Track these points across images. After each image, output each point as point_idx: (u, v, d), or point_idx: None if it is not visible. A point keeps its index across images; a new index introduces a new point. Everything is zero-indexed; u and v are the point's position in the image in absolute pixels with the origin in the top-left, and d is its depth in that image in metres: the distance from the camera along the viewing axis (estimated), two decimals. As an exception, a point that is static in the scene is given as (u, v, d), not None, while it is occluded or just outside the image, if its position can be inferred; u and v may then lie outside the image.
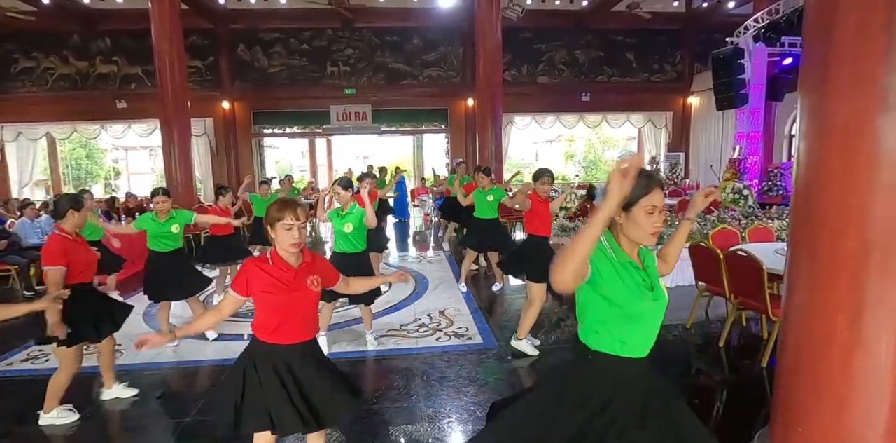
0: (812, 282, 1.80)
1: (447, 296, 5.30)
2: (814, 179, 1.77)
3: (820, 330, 1.76)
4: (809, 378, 1.82)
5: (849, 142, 1.64)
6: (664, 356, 3.59)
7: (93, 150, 21.69)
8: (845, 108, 1.64)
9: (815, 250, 1.78)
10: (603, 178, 24.88)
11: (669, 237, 1.67)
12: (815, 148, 1.76)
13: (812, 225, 1.79)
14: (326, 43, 12.26)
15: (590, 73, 12.88)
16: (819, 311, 1.77)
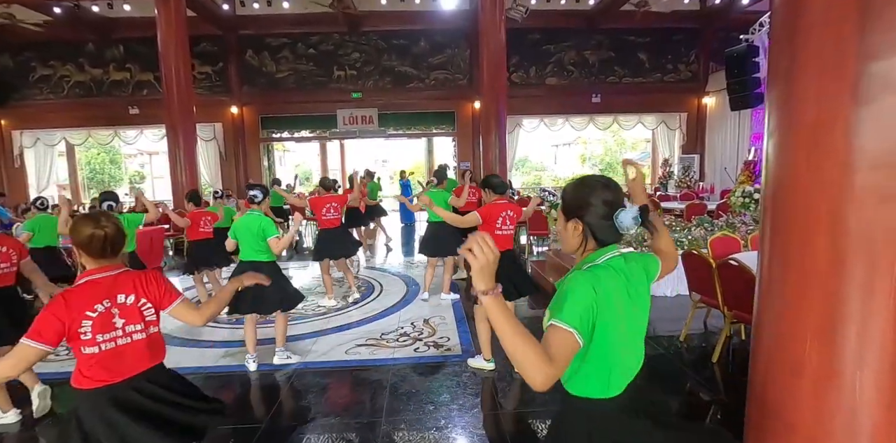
0: (781, 301, 1.58)
1: (436, 304, 5.13)
2: (782, 181, 1.56)
3: (788, 358, 1.54)
4: (779, 413, 1.60)
5: (818, 138, 1.43)
6: (652, 372, 3.36)
7: (116, 155, 22.26)
8: (813, 99, 1.43)
9: (786, 264, 1.56)
10: (618, 181, 24.42)
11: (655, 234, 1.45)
12: (782, 146, 1.55)
13: (781, 234, 1.58)
14: (333, 47, 12.28)
15: (600, 74, 12.59)
16: (788, 336, 1.55)
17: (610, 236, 1.21)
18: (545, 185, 21.43)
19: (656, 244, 1.51)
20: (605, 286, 1.14)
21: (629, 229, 1.18)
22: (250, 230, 3.52)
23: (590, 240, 1.22)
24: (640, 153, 26.51)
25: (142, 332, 1.66)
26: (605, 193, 1.20)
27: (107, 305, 1.59)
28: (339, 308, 5.11)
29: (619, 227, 1.18)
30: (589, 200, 1.20)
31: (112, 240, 1.64)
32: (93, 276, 1.62)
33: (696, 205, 7.58)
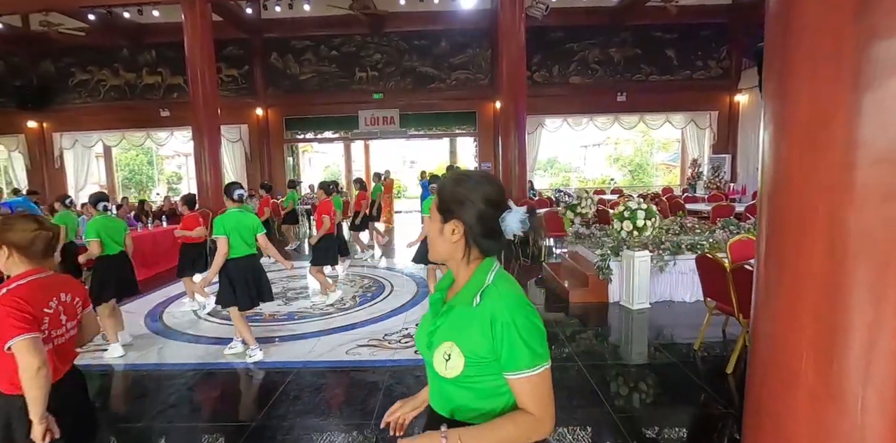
0: (776, 307, 1.44)
1: (443, 305, 5.05)
2: (776, 180, 1.42)
3: (784, 369, 1.40)
4: (776, 426, 1.46)
5: (814, 131, 1.29)
6: (663, 383, 3.19)
7: (154, 156, 23.12)
8: (807, 88, 1.29)
9: (781, 267, 1.42)
10: (648, 182, 23.80)
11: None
12: (776, 141, 1.41)
13: (776, 236, 1.44)
14: (355, 49, 12.38)
15: (626, 73, 12.26)
16: (783, 344, 1.41)
17: (494, 244, 1.03)
18: (574, 186, 21.07)
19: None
20: (528, 300, 1.04)
21: (515, 234, 1.02)
22: (247, 226, 3.68)
23: (473, 245, 1.03)
24: (671, 154, 25.78)
25: (74, 329, 1.71)
26: (489, 188, 1.02)
27: (54, 303, 1.62)
28: (345, 308, 5.10)
29: (506, 231, 1.01)
30: (471, 197, 1.01)
31: (56, 240, 1.68)
32: (37, 275, 1.61)
33: (723, 207, 7.24)
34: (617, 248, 4.84)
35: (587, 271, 5.08)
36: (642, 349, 3.94)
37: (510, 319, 0.96)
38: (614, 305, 4.86)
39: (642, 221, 4.46)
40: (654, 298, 4.87)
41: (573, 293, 5.02)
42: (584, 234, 6.02)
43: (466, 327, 1.00)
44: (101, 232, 3.97)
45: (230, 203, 3.78)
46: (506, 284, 1.03)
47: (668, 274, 4.86)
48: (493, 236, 1.03)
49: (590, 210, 6.17)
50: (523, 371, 0.95)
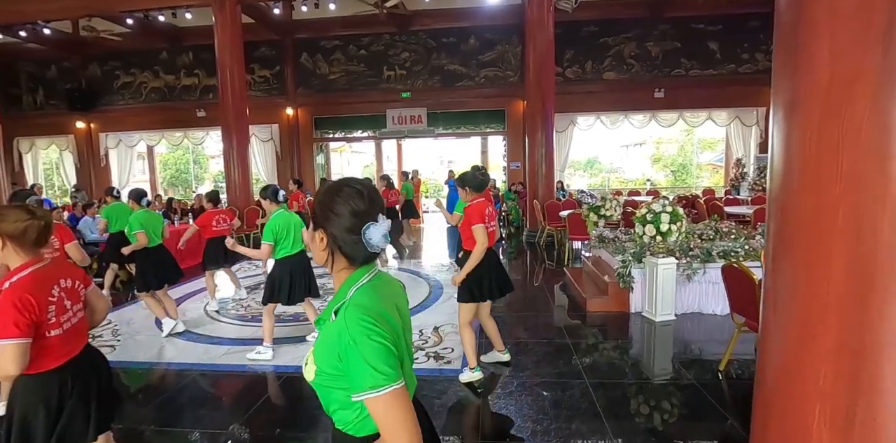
0: (786, 338, 1.14)
1: (452, 311, 4.81)
2: (786, 174, 1.12)
3: (792, 422, 1.10)
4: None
5: (833, 108, 0.98)
6: (678, 408, 2.85)
7: (199, 156, 24.00)
8: (826, 49, 0.99)
9: (794, 286, 1.12)
10: (690, 183, 22.69)
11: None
12: (786, 126, 1.11)
13: (787, 247, 1.13)
14: (383, 47, 12.31)
15: (664, 67, 11.62)
16: (792, 391, 1.10)
17: (358, 253, 1.04)
18: (610, 187, 20.34)
19: None
20: (384, 316, 1.00)
21: (379, 247, 1.04)
22: (296, 225, 3.76)
23: (338, 256, 1.05)
24: (717, 154, 24.48)
25: (81, 310, 1.80)
26: (357, 201, 1.03)
27: (56, 290, 1.68)
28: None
29: (368, 244, 1.02)
30: (335, 208, 1.03)
31: (49, 229, 1.71)
32: (35, 265, 1.66)
33: (765, 210, 6.64)
34: (639, 254, 4.47)
35: (607, 278, 4.72)
36: (661, 367, 3.58)
37: (351, 338, 0.94)
38: (636, 317, 4.48)
39: (666, 226, 4.08)
40: (681, 309, 4.46)
41: (591, 302, 4.68)
42: (608, 238, 5.65)
43: (322, 342, 1.01)
44: (146, 225, 4.19)
45: (273, 205, 3.80)
46: (364, 299, 1.01)
47: (696, 283, 4.44)
48: (354, 247, 1.04)
49: (615, 212, 5.78)
50: (367, 392, 0.93)
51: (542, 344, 3.88)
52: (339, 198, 1.03)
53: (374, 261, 1.09)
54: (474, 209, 3.13)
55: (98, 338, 4.39)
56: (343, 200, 1.03)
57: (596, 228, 5.95)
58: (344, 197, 1.03)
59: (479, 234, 3.05)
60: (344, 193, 1.04)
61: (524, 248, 8.83)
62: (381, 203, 1.06)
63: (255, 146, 13.22)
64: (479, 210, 3.12)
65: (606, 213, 5.75)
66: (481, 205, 3.16)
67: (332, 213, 1.03)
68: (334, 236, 1.03)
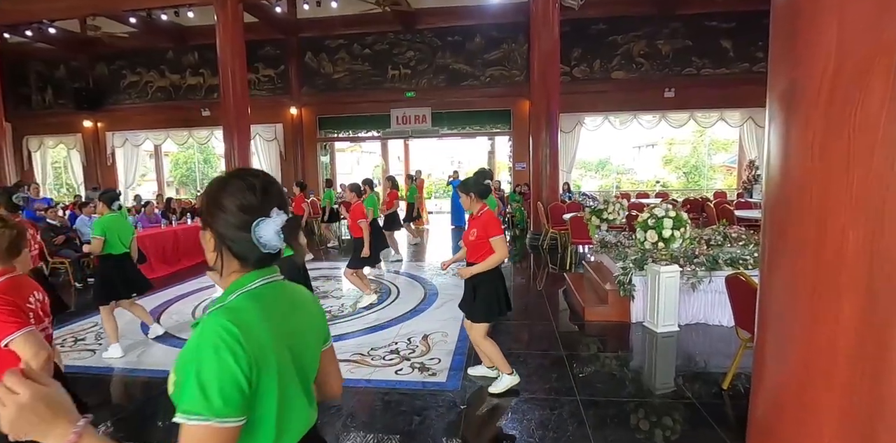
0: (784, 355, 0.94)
1: (445, 317, 4.64)
2: (783, 179, 0.91)
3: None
4: None
5: (841, 97, 0.78)
6: (673, 430, 2.63)
7: (210, 155, 24.08)
8: (834, 40, 0.78)
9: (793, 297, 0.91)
10: (705, 185, 22.25)
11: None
12: (784, 120, 0.90)
13: (783, 257, 0.93)
14: (388, 46, 12.17)
15: (675, 66, 11.31)
16: (792, 415, 0.90)
17: (249, 254, 0.91)
18: (618, 188, 20.00)
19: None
20: (257, 331, 0.83)
21: (272, 247, 0.90)
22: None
23: (228, 257, 0.91)
24: (731, 156, 23.99)
25: (50, 326, 1.75)
26: (245, 195, 0.90)
27: (34, 299, 1.65)
28: (343, 315, 4.79)
29: (258, 242, 0.88)
30: (222, 203, 0.90)
31: (21, 238, 1.69)
32: (10, 274, 1.63)
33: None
34: (641, 260, 4.24)
35: (607, 286, 4.50)
36: (661, 382, 3.36)
37: (197, 344, 0.80)
38: (636, 327, 4.26)
39: (669, 231, 3.85)
40: (684, 320, 4.23)
41: (590, 311, 4.46)
42: (610, 242, 5.42)
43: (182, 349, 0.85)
44: (108, 230, 3.87)
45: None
46: (239, 306, 0.87)
47: (701, 293, 4.20)
48: (247, 247, 0.90)
49: (618, 216, 5.55)
50: (180, 414, 0.77)
51: (536, 356, 3.68)
52: (226, 192, 0.91)
53: (270, 264, 0.95)
54: (491, 219, 2.92)
55: (80, 341, 4.29)
56: (230, 194, 0.90)
57: (598, 232, 5.73)
58: (231, 190, 0.91)
59: (503, 246, 2.88)
60: (231, 186, 0.91)
61: (528, 251, 8.61)
62: (278, 196, 0.93)
63: (258, 146, 13.18)
64: (495, 219, 2.94)
65: (609, 216, 5.52)
66: (491, 213, 2.98)
67: (218, 209, 0.90)
68: (222, 235, 0.90)
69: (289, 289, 1.00)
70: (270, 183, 0.94)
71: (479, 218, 2.93)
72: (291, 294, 1.00)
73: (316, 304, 1.10)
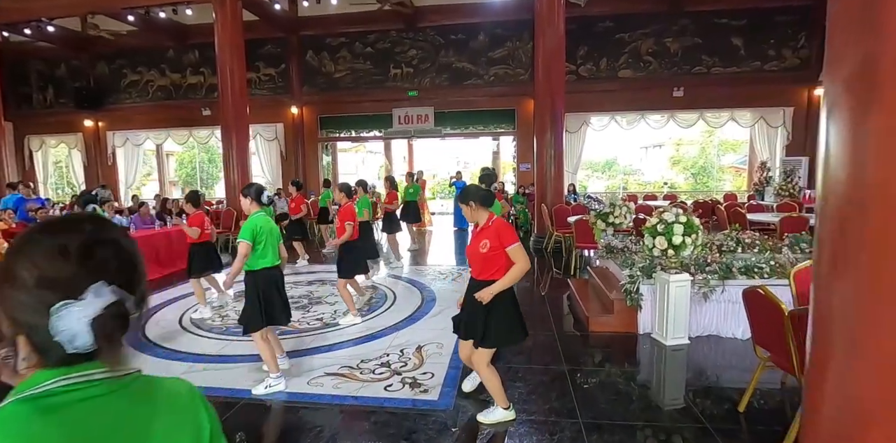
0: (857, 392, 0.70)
1: (442, 326, 4.40)
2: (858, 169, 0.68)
3: None
4: None
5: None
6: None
7: (214, 154, 23.95)
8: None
9: (873, 318, 0.68)
10: (714, 186, 21.90)
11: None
12: (848, 106, 0.67)
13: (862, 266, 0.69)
14: (390, 45, 11.96)
15: (684, 64, 11.01)
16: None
17: (50, 348, 0.59)
18: (625, 189, 19.69)
19: None
20: None
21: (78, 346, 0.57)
22: (275, 233, 3.31)
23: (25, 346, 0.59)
24: (740, 157, 23.61)
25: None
26: (51, 261, 0.60)
27: None
28: (333, 323, 4.57)
29: (57, 333, 0.57)
30: (15, 270, 0.60)
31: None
32: None
33: (794, 219, 6.05)
34: (649, 268, 3.99)
35: (613, 294, 4.25)
36: (671, 400, 3.11)
37: None
38: (644, 338, 4.01)
39: (680, 238, 3.60)
40: (695, 331, 3.97)
41: (595, 321, 4.22)
42: (616, 247, 5.17)
43: None
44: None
45: (255, 206, 3.32)
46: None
47: (713, 303, 3.95)
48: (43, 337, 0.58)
49: (625, 220, 5.29)
50: None
51: (537, 371, 3.45)
52: (23, 255, 0.61)
53: (81, 364, 0.60)
54: (503, 226, 2.60)
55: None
56: (27, 259, 0.60)
57: (604, 236, 5.48)
58: (30, 253, 0.61)
59: (524, 255, 2.57)
60: (32, 247, 0.62)
61: (531, 254, 8.36)
62: (112, 263, 0.63)
63: (259, 145, 13.01)
64: (507, 225, 2.66)
65: (615, 220, 5.27)
66: (501, 220, 2.68)
67: (6, 280, 0.60)
68: (14, 320, 0.60)
69: (132, 394, 0.64)
70: (101, 243, 0.63)
71: (488, 228, 2.61)
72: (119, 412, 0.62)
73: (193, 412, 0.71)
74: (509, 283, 2.56)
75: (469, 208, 2.65)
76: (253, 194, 3.36)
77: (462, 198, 2.67)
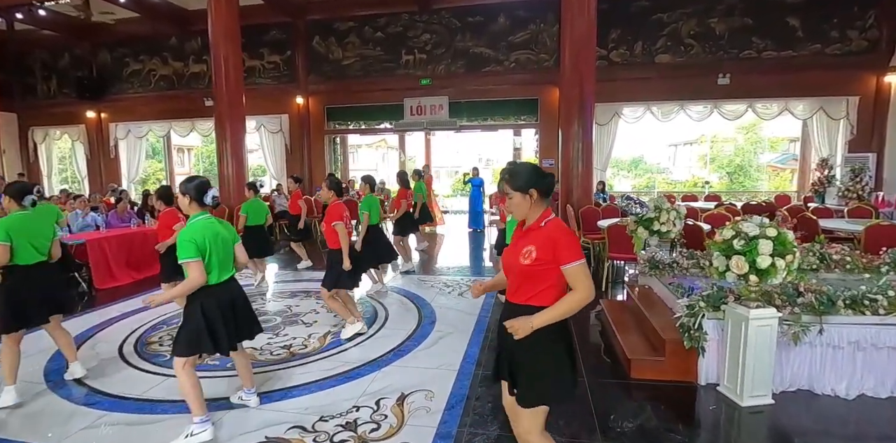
0: None
1: (438, 364, 3.43)
2: None
3: None
4: None
5: None
6: None
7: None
8: None
9: None
10: (750, 186, 20.35)
11: None
12: None
13: None
14: (402, 29, 11.00)
15: (731, 48, 9.74)
16: None
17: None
18: (662, 189, 18.38)
19: None
20: None
21: None
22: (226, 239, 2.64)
23: None
24: (780, 154, 21.92)
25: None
26: None
27: None
28: (305, 352, 3.64)
29: None
30: None
31: None
32: None
33: (884, 228, 4.85)
34: (717, 297, 2.94)
35: (664, 330, 3.20)
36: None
37: None
38: (708, 393, 2.95)
39: (768, 260, 2.54)
40: (780, 385, 2.91)
41: (638, 364, 3.17)
42: (663, 262, 4.11)
43: None
44: (14, 233, 2.91)
45: (195, 207, 2.56)
46: None
47: (806, 347, 2.88)
48: None
49: (673, 228, 4.22)
50: None
51: (559, 440, 2.45)
52: None
53: None
54: (563, 233, 1.75)
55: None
56: None
57: (645, 247, 4.41)
58: None
59: (587, 279, 1.72)
60: None
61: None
62: None
63: (264, 138, 12.27)
64: (569, 233, 1.77)
65: (662, 228, 4.20)
66: (560, 223, 1.79)
67: None
68: None
69: None
70: None
71: (539, 230, 1.76)
72: None
73: None
74: (561, 315, 1.72)
75: (525, 198, 1.77)
76: (193, 192, 2.54)
77: (514, 181, 1.78)
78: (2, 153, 13.39)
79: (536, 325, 1.67)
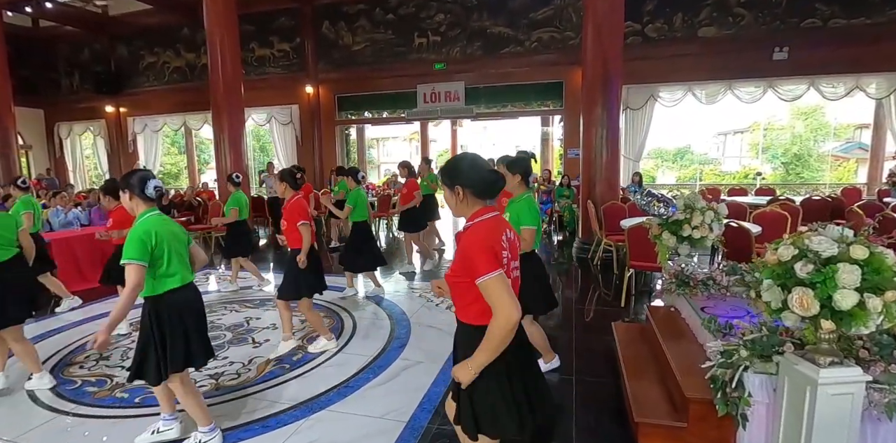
0: None
1: (386, 410, 2.66)
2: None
3: None
4: None
5: None
6: None
7: (266, 143, 23.44)
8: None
9: None
10: (810, 177, 18.41)
11: None
12: None
13: None
14: (414, 9, 10.19)
15: (788, 17, 8.37)
16: None
17: None
18: (709, 182, 16.88)
19: None
20: None
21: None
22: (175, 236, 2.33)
23: None
24: (844, 143, 19.71)
25: None
26: None
27: None
28: (243, 380, 2.96)
29: None
30: None
31: None
32: None
33: None
34: (769, 344, 2.02)
35: (689, 379, 2.30)
36: None
37: None
38: (749, 479, 2.05)
39: (853, 297, 1.61)
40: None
41: (647, 431, 2.28)
42: (695, 278, 3.16)
43: None
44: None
45: (141, 204, 2.20)
46: None
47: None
48: None
49: (709, 234, 3.25)
50: None
51: None
52: None
53: None
54: (475, 239, 1.48)
55: None
56: None
57: (673, 256, 3.46)
58: None
59: (502, 296, 1.42)
60: None
61: (574, 264, 6.42)
62: None
63: (274, 130, 11.83)
64: (484, 239, 1.50)
65: (694, 233, 3.24)
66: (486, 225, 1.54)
67: None
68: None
69: None
70: None
71: (460, 235, 1.60)
72: None
73: None
74: (496, 350, 1.44)
75: (451, 194, 1.57)
76: (134, 187, 2.17)
77: (442, 175, 1.59)
78: (28, 149, 13.60)
79: (476, 371, 1.47)
